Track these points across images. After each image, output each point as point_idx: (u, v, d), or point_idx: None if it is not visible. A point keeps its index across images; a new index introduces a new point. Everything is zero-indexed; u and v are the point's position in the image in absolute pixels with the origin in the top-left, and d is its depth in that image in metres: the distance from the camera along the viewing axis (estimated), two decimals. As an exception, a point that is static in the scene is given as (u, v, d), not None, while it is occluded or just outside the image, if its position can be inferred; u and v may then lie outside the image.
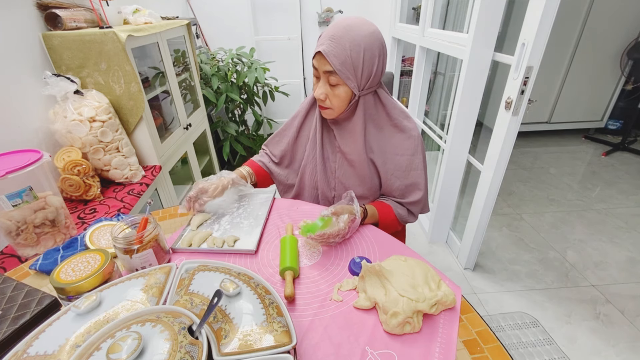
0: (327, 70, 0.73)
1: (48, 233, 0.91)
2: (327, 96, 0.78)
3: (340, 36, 0.71)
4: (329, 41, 0.71)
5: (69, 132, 1.15)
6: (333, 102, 0.78)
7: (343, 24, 0.72)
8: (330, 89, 0.77)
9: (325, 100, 0.78)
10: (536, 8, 1.06)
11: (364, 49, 0.72)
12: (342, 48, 0.70)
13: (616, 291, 1.56)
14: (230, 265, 0.57)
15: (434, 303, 0.57)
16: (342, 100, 0.78)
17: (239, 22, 2.87)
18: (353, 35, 0.71)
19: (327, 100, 0.78)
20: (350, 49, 0.71)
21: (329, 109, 0.81)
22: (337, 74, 0.73)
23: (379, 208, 0.88)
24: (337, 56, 0.71)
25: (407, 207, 0.91)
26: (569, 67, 2.85)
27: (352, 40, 0.71)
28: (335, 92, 0.76)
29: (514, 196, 2.33)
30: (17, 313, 0.52)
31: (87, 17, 1.30)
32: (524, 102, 1.21)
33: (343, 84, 0.75)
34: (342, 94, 0.77)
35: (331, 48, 0.71)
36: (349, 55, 0.71)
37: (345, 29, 0.71)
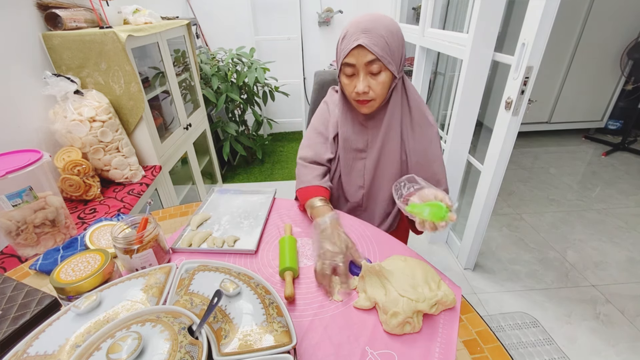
0: (368, 61, 0.75)
1: (48, 233, 0.91)
2: (370, 87, 0.79)
3: (373, 27, 0.74)
4: (364, 34, 0.74)
5: (69, 132, 1.15)
6: (377, 90, 0.79)
7: (368, 18, 0.76)
8: (371, 78, 0.78)
9: (369, 92, 0.79)
10: (536, 8, 1.06)
11: (395, 34, 0.76)
12: (379, 36, 0.74)
13: (616, 291, 1.56)
14: (230, 265, 0.57)
15: (434, 303, 0.57)
16: (384, 86, 0.79)
17: (239, 22, 2.87)
18: (384, 24, 0.75)
19: (370, 91, 0.79)
20: (385, 35, 0.74)
21: (371, 101, 0.81)
22: (380, 61, 0.75)
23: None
24: (377, 44, 0.74)
25: None
26: (569, 67, 2.85)
27: (385, 28, 0.75)
28: (379, 79, 0.78)
29: (514, 196, 2.33)
30: (17, 313, 0.52)
31: (87, 17, 1.30)
32: (524, 102, 1.21)
33: (385, 70, 0.77)
34: (385, 79, 0.78)
35: (369, 39, 0.73)
36: (386, 42, 0.75)
37: (373, 21, 0.75)
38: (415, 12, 2.56)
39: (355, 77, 0.79)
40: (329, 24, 2.95)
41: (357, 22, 0.75)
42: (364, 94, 0.78)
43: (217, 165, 2.44)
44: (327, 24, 2.95)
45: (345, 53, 0.76)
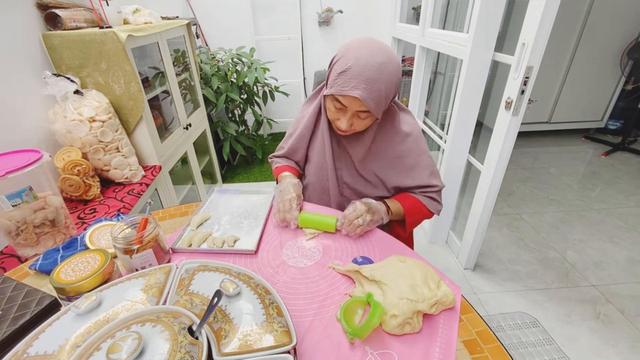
0: (359, 110, 0.75)
1: (48, 233, 0.91)
2: (353, 125, 0.79)
3: (375, 79, 0.70)
4: (364, 85, 0.70)
5: (69, 132, 1.15)
6: (357, 128, 0.81)
7: (375, 63, 0.70)
8: (356, 118, 0.78)
9: (349, 130, 0.80)
10: (536, 8, 1.06)
11: (394, 83, 0.74)
12: (378, 91, 0.71)
13: (616, 291, 1.56)
14: (230, 265, 0.57)
15: (434, 303, 0.57)
16: (367, 124, 0.81)
17: (239, 22, 2.87)
18: (387, 75, 0.71)
19: (351, 127, 0.80)
20: (385, 89, 0.72)
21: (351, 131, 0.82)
22: (370, 111, 0.74)
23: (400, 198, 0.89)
24: (373, 99, 0.71)
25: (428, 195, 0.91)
26: (569, 67, 2.85)
27: (387, 82, 0.72)
28: (362, 122, 0.79)
29: (514, 196, 2.33)
30: (17, 313, 0.52)
31: (87, 17, 1.30)
32: (524, 102, 1.21)
33: (371, 115, 0.77)
34: (370, 122, 0.80)
35: (367, 93, 0.70)
36: (384, 95, 0.73)
37: (378, 70, 0.70)
38: (415, 12, 2.56)
39: (341, 112, 0.78)
40: (329, 24, 2.95)
41: (362, 65, 0.70)
42: (343, 131, 0.81)
43: (217, 165, 2.44)
44: (327, 24, 2.95)
45: (339, 93, 0.72)
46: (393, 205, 0.86)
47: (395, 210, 0.86)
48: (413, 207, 0.88)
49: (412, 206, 0.88)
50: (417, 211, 0.88)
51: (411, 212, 0.88)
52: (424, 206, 0.89)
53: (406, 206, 0.87)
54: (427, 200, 0.90)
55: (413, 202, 0.89)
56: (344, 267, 0.68)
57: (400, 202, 0.88)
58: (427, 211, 0.89)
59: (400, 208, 0.87)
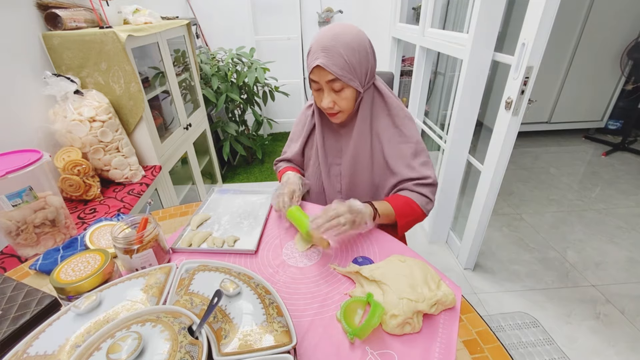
0: (329, 79, 0.76)
1: (48, 233, 0.91)
2: (335, 102, 0.80)
3: (332, 45, 0.74)
4: (323, 53, 0.74)
5: (69, 132, 1.15)
6: (342, 105, 0.81)
7: (330, 34, 0.75)
8: (335, 95, 0.79)
9: (333, 107, 0.81)
10: (536, 8, 1.06)
11: (357, 50, 0.76)
12: (338, 55, 0.74)
13: (616, 291, 1.56)
14: (230, 265, 0.57)
15: (434, 303, 0.57)
16: (349, 101, 0.81)
17: (239, 22, 2.87)
18: (343, 41, 0.74)
19: (335, 106, 0.81)
20: (344, 54, 0.74)
21: (339, 113, 0.83)
22: (340, 79, 0.76)
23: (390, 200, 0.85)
24: (335, 64, 0.74)
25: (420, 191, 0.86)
26: (569, 67, 2.85)
27: (345, 45, 0.74)
28: (342, 95, 0.80)
29: (514, 196, 2.33)
30: (17, 313, 0.52)
31: (87, 17, 1.30)
32: (524, 102, 1.21)
33: (347, 86, 0.78)
34: (349, 95, 0.80)
35: (327, 59, 0.74)
36: (345, 60, 0.74)
37: (333, 38, 0.74)
38: (415, 12, 2.56)
39: (321, 92, 0.81)
40: (329, 24, 2.95)
41: (319, 38, 0.76)
42: (329, 109, 0.81)
43: (217, 165, 2.44)
44: (327, 24, 2.95)
45: (309, 70, 0.78)
46: (381, 207, 0.81)
47: (384, 212, 0.80)
48: (405, 209, 0.83)
49: (404, 207, 0.83)
50: (409, 212, 0.83)
51: (403, 214, 0.82)
52: (417, 206, 0.84)
53: (397, 208, 0.82)
54: (418, 197, 0.85)
55: (405, 202, 0.84)
56: (345, 268, 0.68)
57: (391, 203, 0.83)
58: (420, 212, 0.85)
59: (390, 209, 0.81)
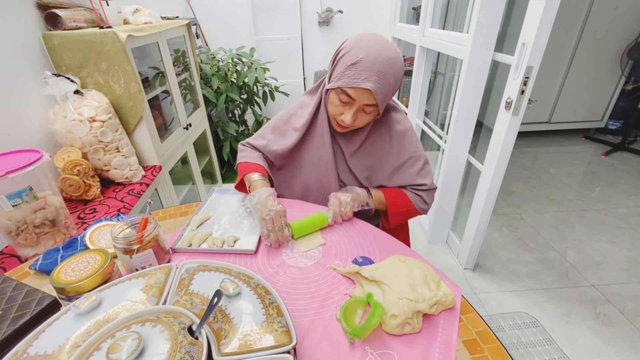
0: (369, 104, 0.75)
1: (48, 233, 0.91)
2: (355, 120, 0.79)
3: (386, 72, 0.71)
4: (377, 77, 0.71)
5: (69, 132, 1.15)
6: (358, 124, 0.81)
7: (386, 57, 0.71)
8: (361, 114, 0.78)
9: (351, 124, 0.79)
10: (536, 8, 1.06)
11: (399, 80, 0.76)
12: (387, 84, 0.73)
13: (616, 291, 1.56)
14: (230, 265, 0.57)
15: (434, 303, 0.57)
16: (368, 121, 0.81)
17: (239, 22, 2.87)
18: (395, 70, 0.73)
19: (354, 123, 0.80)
20: (392, 84, 0.74)
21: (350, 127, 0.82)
22: (377, 105, 0.75)
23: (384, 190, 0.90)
24: (383, 92, 0.73)
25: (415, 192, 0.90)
26: (569, 67, 2.85)
27: (395, 75, 0.73)
28: (366, 117, 0.79)
29: (514, 196, 2.33)
30: (17, 313, 0.52)
31: (87, 17, 1.30)
32: (524, 102, 1.21)
33: (375, 110, 0.78)
34: (372, 117, 0.80)
35: (379, 86, 0.71)
36: (391, 90, 0.75)
37: (389, 63, 0.71)
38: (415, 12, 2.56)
39: (347, 106, 0.77)
40: (329, 24, 2.95)
41: (373, 58, 0.70)
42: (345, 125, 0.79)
43: (217, 165, 2.44)
44: (327, 24, 2.95)
45: (350, 85, 0.72)
46: (375, 193, 0.88)
47: (377, 198, 0.87)
48: (396, 199, 0.88)
49: (395, 197, 0.88)
50: (401, 203, 0.88)
51: (394, 203, 0.87)
52: (409, 201, 0.88)
53: (388, 196, 0.87)
54: (413, 195, 0.89)
55: (397, 193, 0.89)
56: (345, 269, 0.68)
57: (384, 192, 0.89)
58: (412, 207, 0.89)
59: (381, 197, 0.88)
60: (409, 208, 0.89)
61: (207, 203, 0.94)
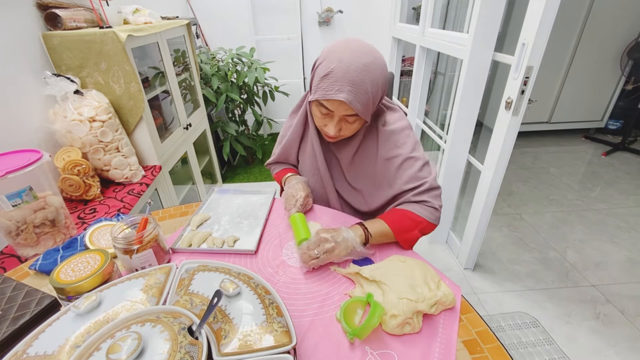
0: (347, 114, 0.71)
1: (48, 233, 0.91)
2: (341, 130, 0.76)
3: (361, 80, 0.67)
4: (350, 87, 0.67)
5: (69, 132, 1.15)
6: (347, 134, 0.78)
7: (359, 64, 0.67)
8: (344, 124, 0.75)
9: (338, 135, 0.77)
10: (536, 8, 1.06)
11: (380, 85, 0.71)
12: (364, 92, 0.68)
13: (616, 291, 1.56)
14: (230, 265, 0.56)
15: (434, 303, 0.57)
16: (355, 129, 0.78)
17: (239, 22, 2.87)
18: (371, 77, 0.68)
19: (340, 133, 0.77)
20: (371, 90, 0.69)
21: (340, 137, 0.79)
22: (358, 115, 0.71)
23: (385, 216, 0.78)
24: (359, 101, 0.68)
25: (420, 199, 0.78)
26: (569, 67, 2.85)
27: (372, 81, 0.69)
28: (351, 127, 0.76)
29: (514, 196, 2.33)
30: (17, 313, 0.52)
31: (87, 17, 1.30)
32: (524, 102, 1.21)
33: (359, 119, 0.74)
34: (357, 126, 0.77)
35: (353, 95, 0.67)
36: (370, 97, 0.69)
37: (363, 70, 0.67)
38: (415, 12, 2.56)
39: (328, 117, 0.74)
40: (329, 24, 2.95)
41: (345, 67, 0.66)
42: (331, 137, 0.78)
43: (217, 165, 2.44)
44: (327, 24, 2.95)
45: (324, 97, 0.69)
46: (375, 226, 0.74)
47: (378, 231, 0.74)
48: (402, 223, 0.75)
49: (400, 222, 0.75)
50: (408, 226, 0.75)
51: (401, 229, 0.74)
52: (416, 217, 0.76)
53: (393, 223, 0.75)
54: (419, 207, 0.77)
55: (401, 215, 0.76)
56: (345, 270, 0.67)
57: (385, 220, 0.75)
58: (423, 222, 0.76)
59: (385, 228, 0.74)
60: (421, 226, 0.76)
61: (207, 203, 0.94)
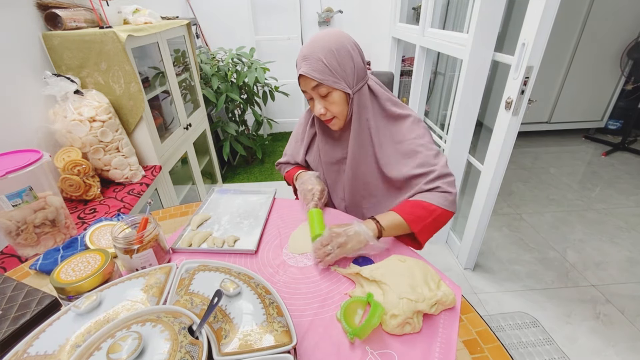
0: (313, 86, 0.77)
1: (48, 233, 0.91)
2: (327, 109, 0.80)
3: (310, 52, 0.75)
4: (303, 62, 0.76)
5: (69, 132, 1.15)
6: (334, 110, 0.80)
7: (308, 42, 0.78)
8: (324, 100, 0.79)
9: (326, 114, 0.81)
10: (536, 8, 1.06)
11: (335, 50, 0.75)
12: (316, 60, 0.74)
13: (616, 291, 1.56)
14: (230, 265, 0.57)
15: (434, 303, 0.57)
16: (340, 104, 0.79)
17: (239, 22, 2.87)
18: (321, 45, 0.75)
19: (328, 112, 0.80)
20: (323, 57, 0.74)
21: (334, 119, 0.83)
22: (324, 84, 0.76)
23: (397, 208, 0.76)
24: (315, 69, 0.74)
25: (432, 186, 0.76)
26: (569, 67, 2.85)
27: (322, 49, 0.75)
28: (330, 100, 0.79)
29: (514, 196, 2.33)
30: (17, 313, 0.52)
31: (87, 17, 1.30)
32: (524, 102, 1.21)
33: (334, 90, 0.77)
34: (337, 98, 0.78)
35: (308, 66, 0.75)
36: (325, 63, 0.74)
37: (312, 43, 0.76)
38: (415, 12, 2.56)
39: (312, 100, 0.82)
40: (329, 24, 2.95)
41: (304, 47, 0.78)
42: (322, 115, 0.81)
43: (217, 165, 2.44)
44: (327, 24, 2.95)
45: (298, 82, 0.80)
46: (387, 219, 0.73)
47: (391, 224, 0.73)
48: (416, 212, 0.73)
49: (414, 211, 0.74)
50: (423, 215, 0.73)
51: (415, 219, 0.73)
52: (430, 205, 0.74)
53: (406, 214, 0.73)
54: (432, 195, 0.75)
55: (414, 205, 0.75)
56: (345, 270, 0.68)
57: (398, 211, 0.75)
58: (438, 210, 0.73)
59: (398, 219, 0.73)
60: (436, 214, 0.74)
61: (207, 203, 0.94)
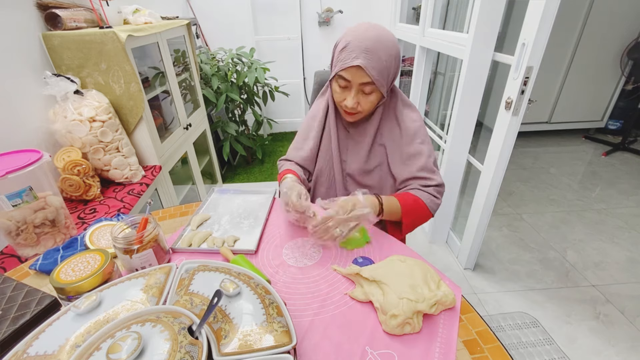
0: (364, 82, 0.76)
1: (48, 233, 0.91)
2: (359, 103, 0.80)
3: (375, 48, 0.73)
4: (365, 54, 0.73)
5: (69, 132, 1.15)
6: (365, 107, 0.81)
7: (372, 35, 0.75)
8: (362, 96, 0.80)
9: (357, 107, 0.81)
10: (536, 8, 1.06)
11: (394, 57, 0.77)
12: (379, 59, 0.74)
13: (616, 291, 1.56)
14: (230, 265, 0.57)
15: (434, 303, 0.57)
16: (373, 104, 0.82)
17: (239, 22, 2.87)
18: (385, 45, 0.75)
19: (358, 106, 0.81)
20: (385, 59, 0.75)
21: (358, 113, 0.83)
22: (374, 84, 0.76)
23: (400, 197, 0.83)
24: (375, 68, 0.74)
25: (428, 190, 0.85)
26: (569, 67, 2.85)
27: (385, 50, 0.74)
28: (369, 98, 0.80)
29: (514, 196, 2.33)
30: (17, 313, 0.52)
31: (87, 17, 1.30)
32: (524, 102, 1.21)
33: (376, 91, 0.79)
34: (374, 99, 0.81)
35: (368, 61, 0.73)
36: (385, 65, 0.75)
37: (377, 40, 0.74)
38: (415, 12, 2.56)
39: (347, 90, 0.80)
40: (329, 23, 2.95)
41: (360, 38, 0.74)
42: (352, 109, 0.81)
43: (217, 165, 2.44)
44: (327, 24, 2.95)
45: (342, 67, 0.76)
46: (388, 202, 0.80)
47: (389, 209, 0.80)
48: (413, 207, 0.82)
49: (412, 205, 0.82)
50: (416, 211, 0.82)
51: (409, 212, 0.82)
52: (424, 205, 0.83)
53: (405, 205, 0.81)
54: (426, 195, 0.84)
55: (414, 200, 0.82)
56: (345, 270, 0.68)
57: (399, 199, 0.82)
58: (426, 212, 0.84)
59: (396, 206, 0.81)
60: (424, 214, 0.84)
61: (207, 203, 0.94)
